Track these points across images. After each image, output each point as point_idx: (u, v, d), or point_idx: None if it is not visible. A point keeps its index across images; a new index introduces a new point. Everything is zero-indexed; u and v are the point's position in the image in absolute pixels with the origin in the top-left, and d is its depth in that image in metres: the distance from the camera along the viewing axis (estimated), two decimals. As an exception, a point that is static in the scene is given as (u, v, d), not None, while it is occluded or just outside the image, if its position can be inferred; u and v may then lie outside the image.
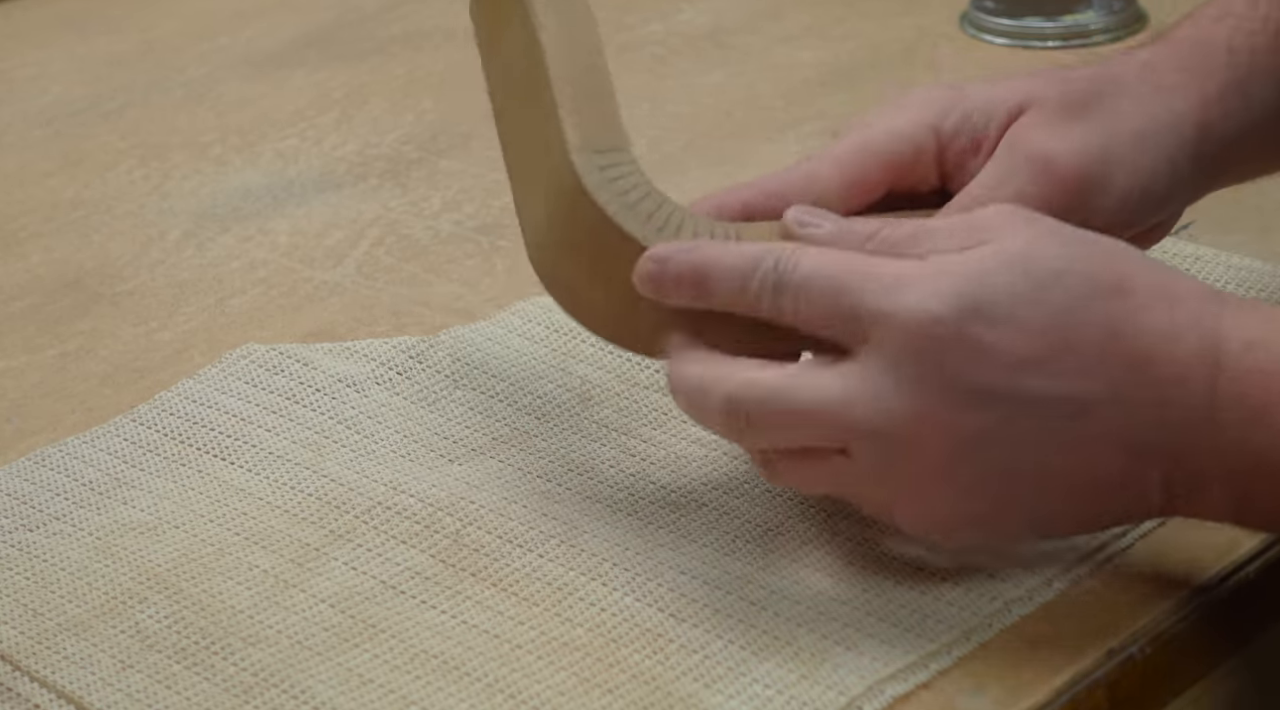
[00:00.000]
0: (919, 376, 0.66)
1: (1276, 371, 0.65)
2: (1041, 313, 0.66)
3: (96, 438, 0.85)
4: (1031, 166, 0.74)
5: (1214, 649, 0.73)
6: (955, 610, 0.71)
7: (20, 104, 1.22)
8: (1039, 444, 0.67)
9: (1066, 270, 0.67)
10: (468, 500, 0.79)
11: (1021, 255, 0.67)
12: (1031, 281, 0.66)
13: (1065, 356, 0.66)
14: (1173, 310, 0.66)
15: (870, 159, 0.76)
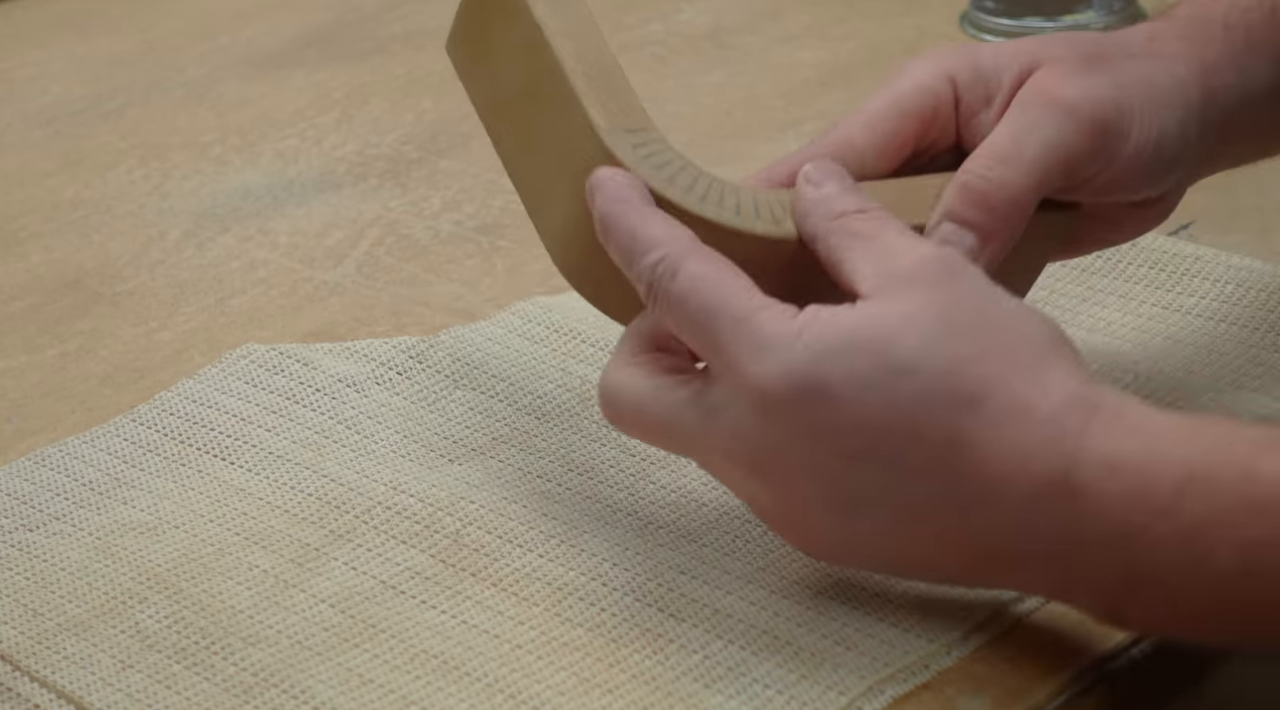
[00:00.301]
0: (761, 440, 0.67)
1: (1142, 492, 0.63)
2: (887, 406, 0.65)
3: (96, 438, 0.85)
4: (1054, 114, 0.73)
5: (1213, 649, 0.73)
6: (955, 610, 0.71)
7: (20, 104, 1.22)
8: (876, 528, 0.67)
9: (921, 368, 0.65)
10: (468, 500, 0.79)
11: (884, 338, 0.65)
12: (887, 370, 0.65)
13: (903, 453, 0.65)
14: (1025, 429, 0.64)
15: (900, 117, 0.75)
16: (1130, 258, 0.91)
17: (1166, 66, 0.76)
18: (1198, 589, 0.63)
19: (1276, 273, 0.91)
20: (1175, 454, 0.63)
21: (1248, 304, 0.89)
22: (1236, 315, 0.88)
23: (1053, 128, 0.73)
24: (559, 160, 0.73)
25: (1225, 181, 0.86)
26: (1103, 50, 0.76)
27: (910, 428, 0.65)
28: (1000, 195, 0.72)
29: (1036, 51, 0.76)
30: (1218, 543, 0.62)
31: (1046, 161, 0.73)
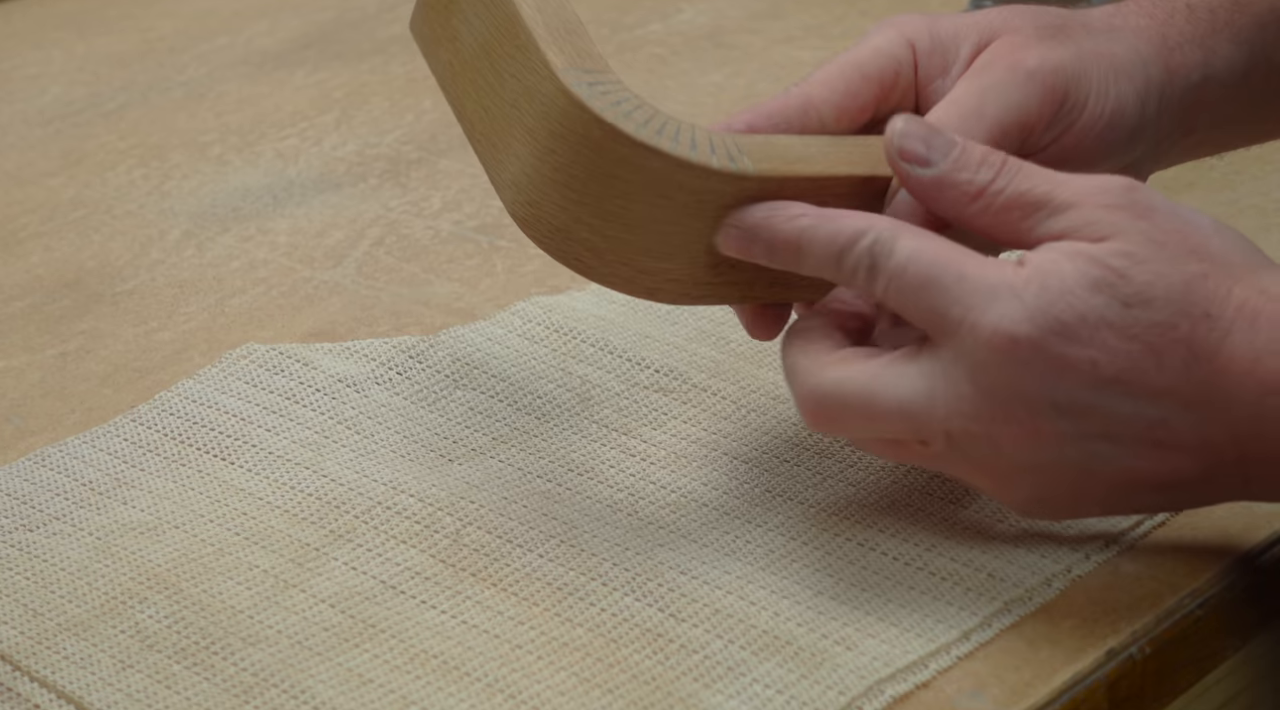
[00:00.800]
0: (1000, 385, 0.68)
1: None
2: (1126, 336, 0.67)
3: (96, 438, 0.85)
4: (1014, 76, 0.75)
5: (1213, 649, 0.73)
6: (955, 610, 0.71)
7: (20, 104, 1.22)
8: (1116, 450, 0.68)
9: (1156, 297, 0.67)
10: (468, 500, 0.79)
11: (1115, 274, 0.67)
12: (1120, 305, 0.67)
13: (1146, 377, 0.67)
14: (1254, 332, 0.67)
15: (859, 78, 0.76)
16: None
17: (1127, 41, 0.77)
18: None
19: (1276, 273, 0.91)
20: None
21: (1248, 304, 0.88)
22: (1236, 315, 0.88)
23: (1013, 89, 0.75)
24: (516, 107, 0.72)
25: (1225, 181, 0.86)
26: (1063, 23, 0.77)
27: (1152, 353, 0.67)
28: None
29: (995, 23, 0.77)
30: None
31: (1005, 121, 0.74)
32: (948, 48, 0.76)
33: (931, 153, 0.71)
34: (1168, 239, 0.68)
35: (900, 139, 0.71)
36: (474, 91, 0.75)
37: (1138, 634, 0.71)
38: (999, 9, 0.77)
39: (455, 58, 0.76)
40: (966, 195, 0.70)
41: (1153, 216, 0.69)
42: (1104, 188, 0.69)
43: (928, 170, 0.71)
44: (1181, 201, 0.80)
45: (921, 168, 0.71)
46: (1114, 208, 0.68)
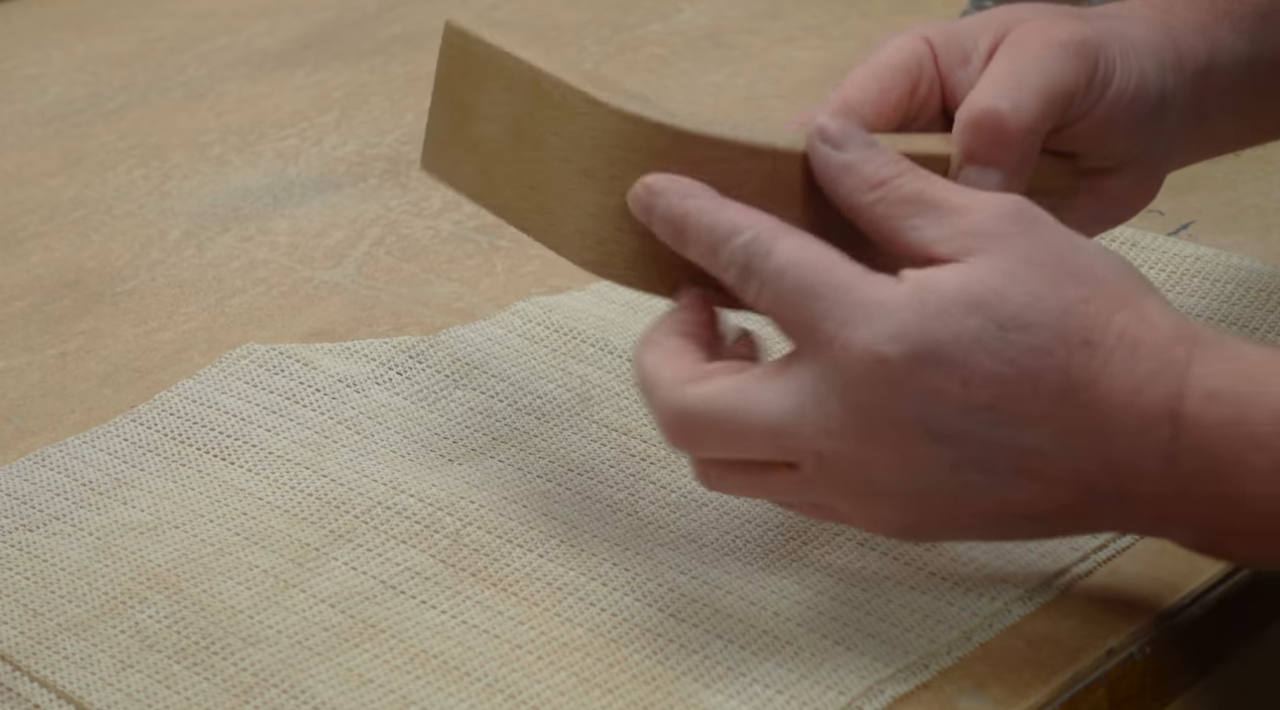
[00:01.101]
0: (871, 406, 0.66)
1: (1239, 421, 0.64)
2: (1000, 360, 0.65)
3: (96, 438, 0.85)
4: (1049, 48, 0.74)
5: (1213, 649, 0.73)
6: (955, 610, 0.71)
7: (20, 104, 1.22)
8: (989, 479, 0.67)
9: (1034, 320, 0.66)
10: (468, 500, 0.79)
11: (993, 294, 0.66)
12: (995, 327, 0.65)
13: (1020, 403, 0.66)
14: (1135, 362, 0.65)
15: (889, 74, 0.76)
16: (1130, 257, 0.91)
17: (1139, 27, 0.77)
18: None
19: (1276, 273, 0.91)
20: (1271, 387, 0.64)
21: (1248, 304, 0.89)
22: (1236, 315, 0.88)
23: (1049, 60, 0.74)
24: (567, 160, 0.72)
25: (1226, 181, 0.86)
26: (1076, 10, 0.77)
27: (1028, 379, 0.66)
28: (1015, 123, 0.73)
29: (1009, 17, 0.77)
30: None
31: (1050, 91, 0.74)
32: (964, 40, 0.76)
33: (846, 140, 0.70)
34: (1049, 260, 0.67)
35: (824, 121, 0.70)
36: (513, 176, 0.74)
37: (1138, 634, 0.71)
38: (1008, 6, 0.78)
39: (484, 159, 0.76)
40: (868, 182, 0.69)
41: (1038, 233, 0.67)
42: (994, 200, 0.68)
43: (839, 153, 0.70)
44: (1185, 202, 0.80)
45: (834, 149, 0.70)
46: (1000, 218, 0.67)
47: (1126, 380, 0.65)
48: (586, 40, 1.26)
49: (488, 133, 0.75)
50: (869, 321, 0.66)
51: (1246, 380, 0.65)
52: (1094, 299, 0.66)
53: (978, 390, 0.65)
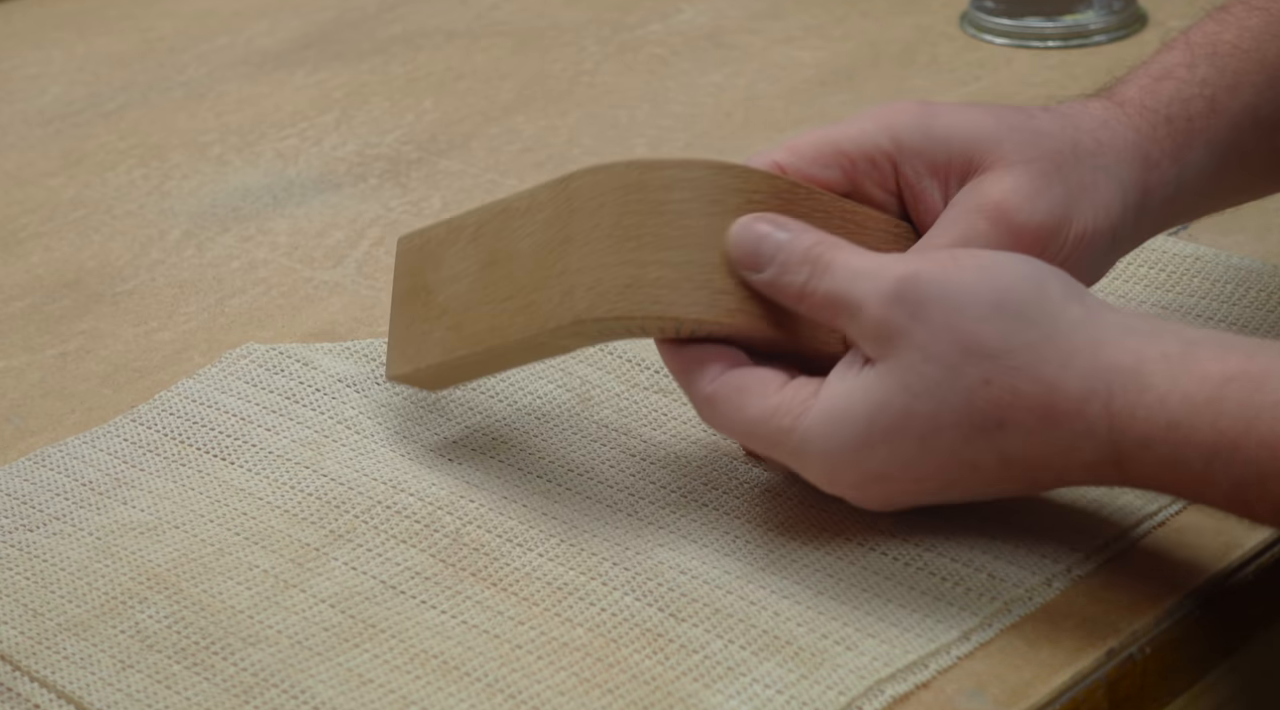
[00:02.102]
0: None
1: (1176, 463, 0.67)
2: (934, 462, 0.70)
3: (96, 438, 0.85)
4: (997, 228, 0.76)
5: (1213, 649, 0.73)
6: (955, 610, 0.71)
7: (20, 104, 1.22)
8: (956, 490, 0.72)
9: (943, 425, 0.69)
10: (468, 500, 0.79)
11: (904, 414, 0.69)
12: (913, 438, 0.69)
13: (967, 481, 0.71)
14: (1056, 432, 0.68)
15: (831, 151, 0.77)
16: (1130, 258, 0.91)
17: (1112, 168, 0.78)
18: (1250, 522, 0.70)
19: (1276, 273, 0.91)
20: (1201, 429, 0.66)
21: (1248, 304, 0.89)
22: (1236, 315, 0.88)
23: (996, 241, 0.76)
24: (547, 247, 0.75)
25: (1225, 181, 0.86)
26: (1055, 149, 0.77)
27: (960, 466, 0.70)
28: None
29: (988, 139, 0.77)
30: (1255, 502, 0.66)
31: None
32: (936, 150, 0.77)
33: (759, 259, 0.73)
34: (941, 346, 0.69)
35: (734, 247, 0.73)
36: (488, 302, 0.77)
37: (1138, 634, 0.71)
38: (993, 116, 0.78)
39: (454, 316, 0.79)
40: (791, 296, 0.72)
41: (925, 317, 0.69)
42: (878, 289, 0.70)
43: (760, 275, 0.73)
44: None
45: (754, 273, 0.73)
46: (890, 313, 0.69)
47: (1056, 447, 0.69)
48: (586, 40, 1.26)
49: (455, 291, 0.79)
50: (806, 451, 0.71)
51: (1175, 426, 0.67)
52: (994, 378, 0.68)
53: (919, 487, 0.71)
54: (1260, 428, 0.65)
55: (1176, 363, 0.67)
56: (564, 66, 1.22)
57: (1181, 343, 0.68)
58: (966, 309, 0.69)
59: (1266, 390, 0.65)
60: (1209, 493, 0.67)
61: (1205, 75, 0.80)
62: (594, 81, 1.20)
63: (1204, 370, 0.67)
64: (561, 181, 0.75)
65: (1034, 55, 1.19)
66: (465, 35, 1.28)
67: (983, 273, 0.70)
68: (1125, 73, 0.82)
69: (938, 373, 0.69)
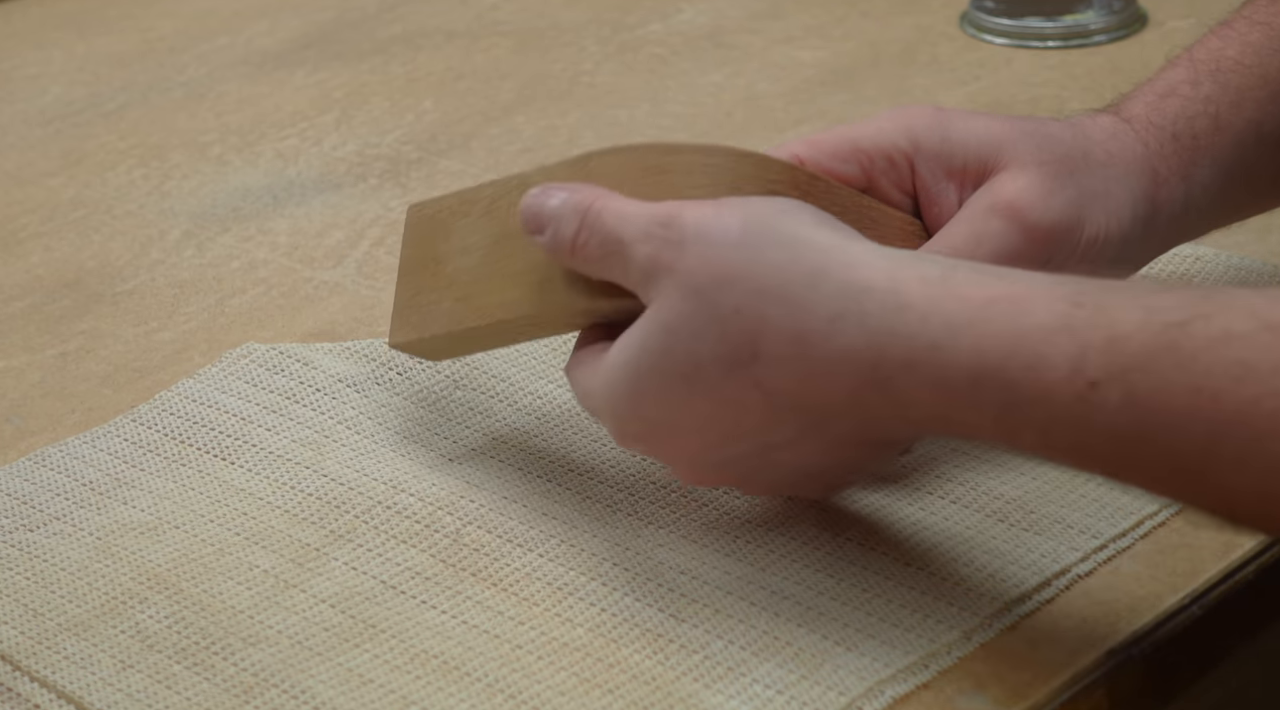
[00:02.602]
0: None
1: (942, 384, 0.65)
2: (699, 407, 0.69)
3: (96, 438, 0.85)
4: (1012, 228, 0.76)
5: (1213, 649, 0.73)
6: (955, 610, 0.71)
7: (20, 104, 1.22)
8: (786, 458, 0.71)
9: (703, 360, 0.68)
10: (468, 500, 0.79)
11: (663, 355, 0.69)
12: (678, 378, 0.69)
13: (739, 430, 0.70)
14: (810, 353, 0.67)
15: (850, 148, 0.78)
16: (1130, 258, 0.91)
17: (1123, 179, 0.78)
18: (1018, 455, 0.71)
19: (1276, 273, 0.91)
20: (963, 351, 0.65)
21: (1248, 304, 0.89)
22: (1236, 315, 0.88)
23: (1008, 238, 0.76)
24: None
25: (1225, 181, 0.86)
26: (1065, 154, 0.77)
27: (732, 403, 0.69)
28: None
29: (1004, 143, 0.77)
30: (1020, 428, 0.64)
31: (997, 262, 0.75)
32: (954, 152, 0.77)
33: (540, 221, 0.73)
34: (697, 279, 0.68)
35: (520, 214, 0.74)
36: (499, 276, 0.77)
37: (1138, 634, 0.71)
38: (1008, 122, 0.78)
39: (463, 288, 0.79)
40: (565, 251, 0.72)
41: (683, 253, 0.69)
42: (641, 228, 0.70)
43: (541, 237, 0.73)
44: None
45: (538, 236, 0.73)
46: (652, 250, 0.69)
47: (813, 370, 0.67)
48: (586, 40, 1.26)
49: (464, 264, 0.79)
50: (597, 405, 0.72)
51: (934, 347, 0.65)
52: (743, 305, 0.67)
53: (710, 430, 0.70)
54: (1023, 350, 0.63)
55: (935, 284, 0.66)
56: (564, 66, 1.22)
57: (941, 267, 0.66)
58: (719, 240, 0.68)
59: (1028, 313, 0.64)
60: (975, 419, 0.65)
61: (1209, 92, 0.81)
62: (594, 81, 1.20)
63: (964, 292, 0.65)
64: (580, 160, 0.75)
65: (1034, 55, 1.19)
66: (465, 35, 1.28)
67: (736, 207, 0.69)
68: (1130, 89, 0.83)
69: (692, 306, 0.68)
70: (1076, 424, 0.63)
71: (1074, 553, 0.74)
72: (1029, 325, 0.63)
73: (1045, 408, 0.63)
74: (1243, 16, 0.84)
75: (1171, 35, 1.20)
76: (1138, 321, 0.62)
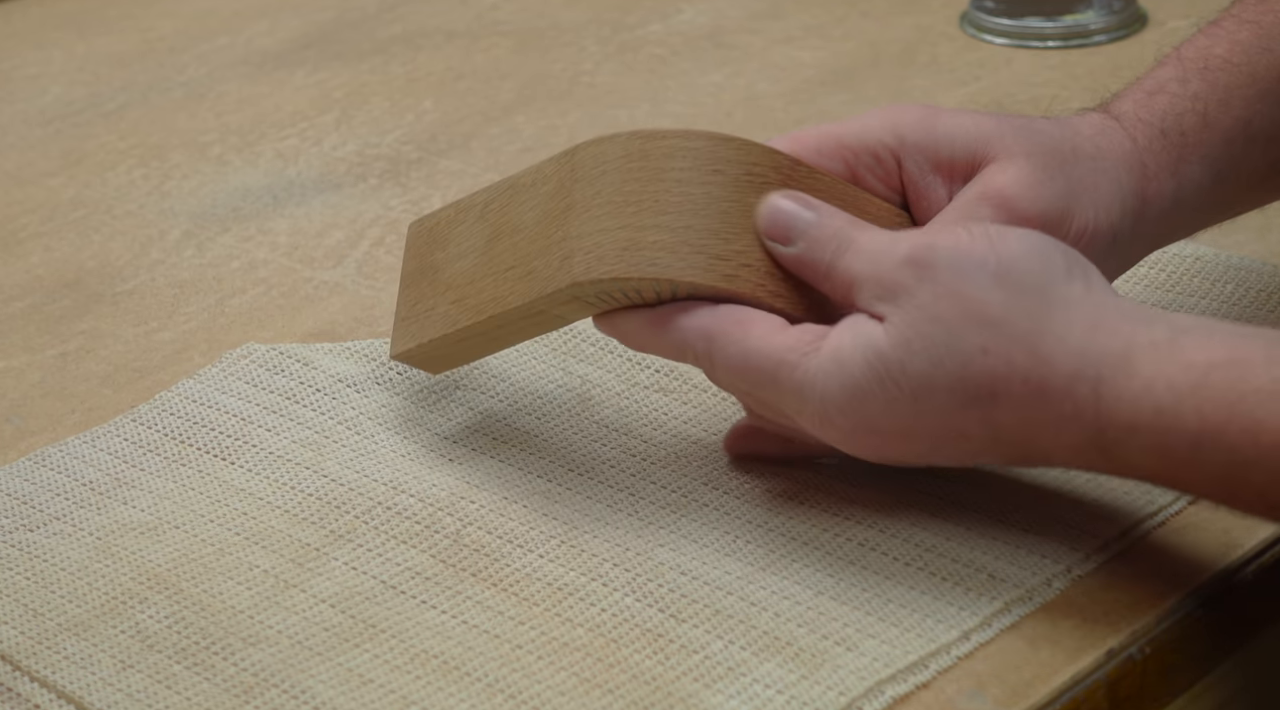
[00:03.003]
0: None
1: (1161, 450, 0.67)
2: (924, 426, 0.70)
3: (96, 438, 0.85)
4: (1000, 215, 0.76)
5: (1213, 649, 0.73)
6: (955, 610, 0.71)
7: (20, 104, 1.22)
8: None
9: (938, 387, 0.69)
10: (468, 500, 0.79)
11: (898, 368, 0.70)
12: (908, 395, 0.70)
13: (950, 447, 0.71)
14: (1045, 409, 0.69)
15: (834, 145, 0.78)
16: (1130, 258, 0.91)
17: (1111, 172, 0.78)
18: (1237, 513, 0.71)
19: (1276, 273, 0.91)
20: (1186, 416, 0.67)
21: (1248, 304, 0.89)
22: (1236, 315, 0.88)
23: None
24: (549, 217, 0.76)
25: (1225, 181, 0.86)
26: (1053, 146, 0.78)
27: (954, 431, 0.70)
28: None
29: (992, 136, 0.78)
30: (1239, 489, 0.67)
31: None
32: (940, 146, 0.78)
33: (791, 233, 0.74)
34: (944, 308, 0.69)
35: (765, 220, 0.74)
36: (490, 273, 0.78)
37: (1138, 634, 0.71)
38: (995, 118, 0.78)
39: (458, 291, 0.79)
40: (818, 274, 0.73)
41: (933, 279, 0.70)
42: (892, 255, 0.71)
43: (789, 248, 0.74)
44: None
45: (784, 246, 0.74)
46: (901, 274, 0.70)
47: (1045, 425, 0.69)
48: (586, 40, 1.26)
49: (460, 267, 0.79)
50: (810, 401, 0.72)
51: (1161, 413, 0.67)
52: (991, 347, 0.69)
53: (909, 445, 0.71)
54: (1243, 414, 0.65)
55: (1164, 349, 0.68)
56: (564, 66, 1.22)
57: (1170, 330, 0.68)
58: (972, 276, 0.70)
59: (1249, 377, 0.66)
60: (1194, 479, 0.68)
61: (1197, 90, 0.81)
62: (594, 81, 1.20)
63: (1189, 358, 0.67)
64: (566, 154, 0.76)
65: (1034, 55, 1.19)
66: (465, 35, 1.28)
67: (991, 242, 0.70)
68: (1120, 88, 0.83)
69: (938, 333, 0.69)
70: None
71: (1074, 553, 0.74)
72: (1248, 389, 0.66)
73: (1264, 470, 0.65)
74: (1231, 15, 0.84)
75: (1171, 35, 1.19)
76: None
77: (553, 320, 0.77)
